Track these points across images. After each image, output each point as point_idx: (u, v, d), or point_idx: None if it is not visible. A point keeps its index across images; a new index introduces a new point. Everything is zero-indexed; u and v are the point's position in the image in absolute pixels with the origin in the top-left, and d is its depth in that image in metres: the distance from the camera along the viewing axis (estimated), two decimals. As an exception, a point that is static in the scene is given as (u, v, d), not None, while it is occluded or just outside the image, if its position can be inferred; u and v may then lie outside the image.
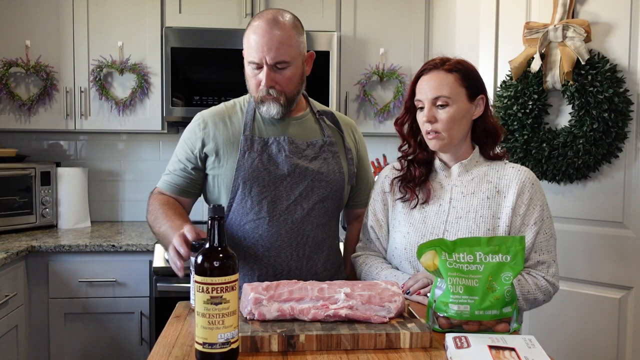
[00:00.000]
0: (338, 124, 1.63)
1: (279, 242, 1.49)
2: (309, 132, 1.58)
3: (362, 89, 2.73)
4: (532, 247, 1.37)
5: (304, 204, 1.50)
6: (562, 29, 2.00)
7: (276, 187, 1.48)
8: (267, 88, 1.46)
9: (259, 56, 1.43)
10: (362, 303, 1.09)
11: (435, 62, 1.40)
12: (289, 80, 1.48)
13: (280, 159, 1.49)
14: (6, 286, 2.13)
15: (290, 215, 1.49)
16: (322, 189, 1.52)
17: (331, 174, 1.54)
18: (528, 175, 1.41)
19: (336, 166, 1.56)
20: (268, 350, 1.00)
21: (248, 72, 1.50)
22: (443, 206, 1.42)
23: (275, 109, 1.49)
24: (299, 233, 1.50)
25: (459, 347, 0.97)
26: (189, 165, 1.55)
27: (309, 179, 1.50)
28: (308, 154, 1.53)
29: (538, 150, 2.07)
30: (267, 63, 1.43)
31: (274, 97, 1.47)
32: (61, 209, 2.73)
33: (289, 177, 1.49)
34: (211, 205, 0.95)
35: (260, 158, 1.48)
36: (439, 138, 1.38)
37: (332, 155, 1.56)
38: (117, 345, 2.37)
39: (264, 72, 1.44)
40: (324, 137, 1.58)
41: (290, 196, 1.49)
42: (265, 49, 1.42)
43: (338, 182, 1.55)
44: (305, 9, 2.68)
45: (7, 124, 2.61)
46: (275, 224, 1.49)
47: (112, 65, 2.61)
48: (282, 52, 1.43)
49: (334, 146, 1.58)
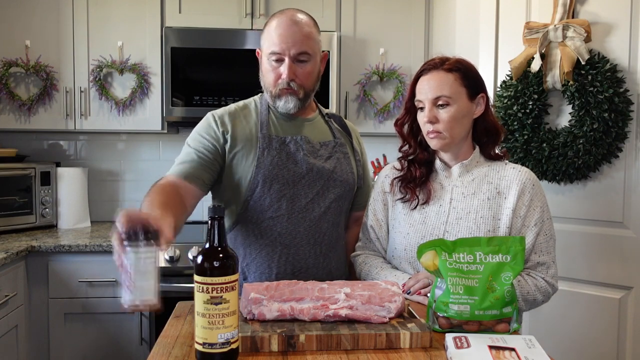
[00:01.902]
0: (346, 127, 1.67)
1: (297, 239, 1.50)
2: (320, 133, 1.60)
3: (362, 89, 2.73)
4: (532, 249, 1.37)
5: (320, 203, 1.52)
6: (562, 29, 2.00)
7: (295, 185, 1.49)
8: (287, 80, 1.47)
9: (282, 47, 1.45)
10: (362, 303, 1.09)
11: (434, 61, 1.40)
12: (309, 74, 1.50)
13: (298, 158, 1.50)
14: (6, 286, 2.13)
15: (308, 213, 1.50)
16: (337, 188, 1.54)
17: (344, 174, 1.56)
18: (529, 176, 1.41)
19: (348, 167, 1.59)
20: (268, 350, 1.00)
21: (266, 66, 1.50)
22: (443, 207, 1.42)
23: (292, 103, 1.50)
24: (317, 230, 1.52)
25: (459, 347, 0.97)
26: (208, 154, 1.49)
27: (324, 178, 1.52)
28: (322, 154, 1.55)
29: (538, 150, 2.07)
30: (289, 55, 1.45)
31: (294, 90, 1.48)
32: (61, 209, 2.72)
33: (307, 176, 1.50)
34: (211, 205, 0.95)
35: (280, 156, 1.49)
36: (440, 137, 1.38)
37: (344, 156, 1.59)
38: (117, 345, 2.37)
39: (285, 64, 1.46)
40: (335, 139, 1.61)
41: (308, 194, 1.50)
42: (290, 41, 1.44)
43: (350, 182, 1.58)
44: (305, 9, 2.64)
45: (7, 124, 2.61)
46: (294, 221, 1.50)
47: (112, 65, 2.61)
48: (306, 44, 1.46)
49: (344, 147, 1.61)
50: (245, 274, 1.53)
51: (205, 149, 1.50)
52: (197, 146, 1.50)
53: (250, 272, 1.53)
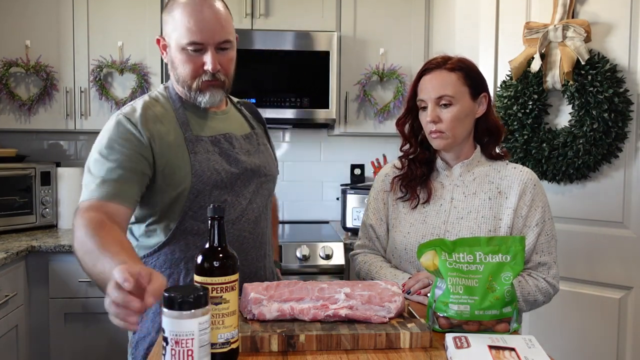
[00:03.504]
0: (258, 114, 1.56)
1: (244, 245, 1.39)
2: (239, 125, 1.47)
3: (362, 89, 2.73)
4: (533, 249, 1.37)
5: (258, 201, 1.43)
6: (562, 29, 2.00)
7: (232, 187, 1.36)
8: (213, 72, 1.30)
9: (204, 37, 1.27)
10: (362, 303, 1.09)
11: (437, 61, 1.39)
12: (231, 62, 1.36)
13: (231, 158, 1.37)
14: (6, 286, 2.13)
15: (250, 215, 1.40)
16: (268, 183, 1.47)
17: (270, 167, 1.48)
18: (530, 176, 1.40)
19: (270, 158, 1.50)
20: (268, 350, 1.00)
21: (181, 57, 1.31)
22: (444, 206, 1.42)
23: (218, 96, 1.35)
24: (259, 231, 1.43)
25: (459, 347, 0.97)
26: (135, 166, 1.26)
27: (257, 174, 1.42)
28: (248, 149, 1.43)
29: (538, 150, 2.07)
30: (213, 44, 1.29)
31: (220, 81, 1.33)
32: (61, 209, 2.72)
33: (242, 176, 1.38)
34: (211, 205, 0.94)
35: (214, 158, 1.34)
36: (442, 137, 1.37)
37: (265, 147, 1.49)
38: (117, 345, 2.37)
39: (209, 54, 1.29)
40: (253, 130, 1.49)
41: (246, 195, 1.39)
42: (211, 28, 1.28)
43: (275, 174, 1.51)
44: (305, 9, 2.68)
45: (7, 124, 2.61)
46: (238, 226, 1.38)
47: (112, 65, 2.61)
48: (227, 30, 1.32)
49: (262, 137, 1.51)
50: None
51: (131, 160, 1.25)
52: (119, 158, 1.25)
53: None
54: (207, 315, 0.85)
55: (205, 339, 0.84)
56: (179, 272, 1.36)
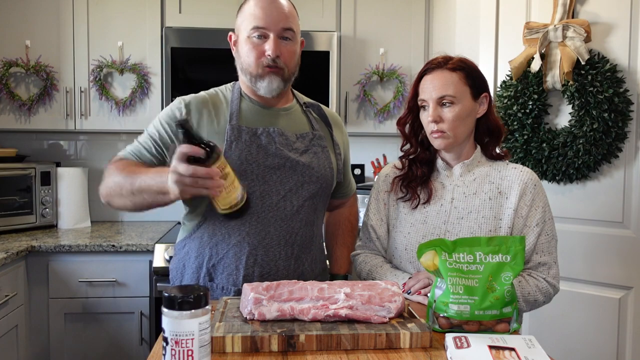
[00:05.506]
0: (326, 118, 1.56)
1: (267, 240, 1.41)
2: (297, 124, 1.50)
3: (362, 89, 2.73)
4: (533, 249, 1.37)
5: (293, 200, 1.42)
6: (562, 29, 2.00)
7: (265, 180, 1.39)
8: (273, 57, 1.37)
9: (267, 22, 1.37)
10: (362, 303, 1.09)
11: (438, 60, 1.39)
12: (292, 54, 1.42)
13: (270, 151, 1.40)
14: (6, 286, 2.13)
15: (279, 211, 1.41)
16: (313, 185, 1.45)
17: (322, 169, 1.47)
18: (530, 176, 1.40)
19: (326, 161, 1.49)
20: (268, 350, 1.00)
21: (246, 47, 1.40)
22: (445, 206, 1.42)
23: (276, 83, 1.40)
24: (289, 230, 1.43)
25: (459, 347, 0.97)
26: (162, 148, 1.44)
27: (299, 173, 1.42)
28: (298, 147, 1.45)
29: (538, 150, 2.07)
30: (275, 30, 1.37)
31: (278, 68, 1.39)
32: (61, 209, 2.73)
33: (279, 171, 1.40)
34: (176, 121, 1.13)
35: (249, 149, 1.39)
36: (444, 137, 1.37)
37: (322, 150, 1.49)
38: (117, 345, 2.37)
39: (271, 39, 1.37)
40: (313, 130, 1.51)
41: (280, 191, 1.41)
42: (275, 15, 1.37)
43: (328, 178, 1.49)
44: (305, 9, 2.68)
45: (7, 124, 2.61)
46: (263, 220, 1.40)
47: (112, 65, 2.61)
48: (291, 20, 1.40)
49: (322, 140, 1.51)
50: (211, 275, 1.43)
51: (162, 141, 1.43)
52: (154, 134, 1.44)
53: (217, 274, 1.43)
54: (207, 315, 0.85)
55: (205, 339, 0.84)
56: (203, 257, 1.44)
